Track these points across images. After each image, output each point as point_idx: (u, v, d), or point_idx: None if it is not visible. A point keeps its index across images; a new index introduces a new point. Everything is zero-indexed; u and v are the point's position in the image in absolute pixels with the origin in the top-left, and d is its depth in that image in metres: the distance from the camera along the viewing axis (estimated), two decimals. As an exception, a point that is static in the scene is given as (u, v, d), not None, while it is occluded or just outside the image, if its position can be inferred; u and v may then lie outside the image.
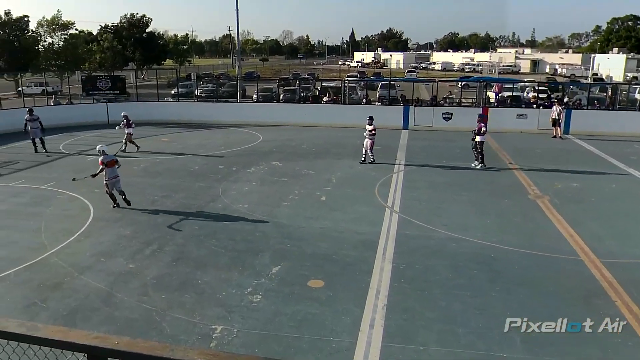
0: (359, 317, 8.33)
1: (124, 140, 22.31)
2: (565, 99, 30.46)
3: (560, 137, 25.31)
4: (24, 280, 9.92)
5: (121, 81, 35.32)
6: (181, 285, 9.63)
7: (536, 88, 35.89)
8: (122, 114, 22.64)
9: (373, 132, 19.09)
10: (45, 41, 51.31)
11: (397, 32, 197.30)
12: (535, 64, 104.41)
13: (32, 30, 49.67)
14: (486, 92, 34.21)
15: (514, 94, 33.23)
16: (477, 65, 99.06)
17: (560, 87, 38.05)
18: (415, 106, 29.53)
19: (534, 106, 29.66)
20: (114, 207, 14.24)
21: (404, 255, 10.80)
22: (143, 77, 63.36)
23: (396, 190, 15.89)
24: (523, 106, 30.48)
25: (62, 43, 52.14)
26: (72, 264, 10.58)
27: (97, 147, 14.80)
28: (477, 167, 18.70)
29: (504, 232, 12.20)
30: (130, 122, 22.15)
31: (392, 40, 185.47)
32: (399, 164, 19.44)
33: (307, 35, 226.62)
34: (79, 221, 13.23)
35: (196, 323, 8.28)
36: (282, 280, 9.77)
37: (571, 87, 38.61)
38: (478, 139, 18.60)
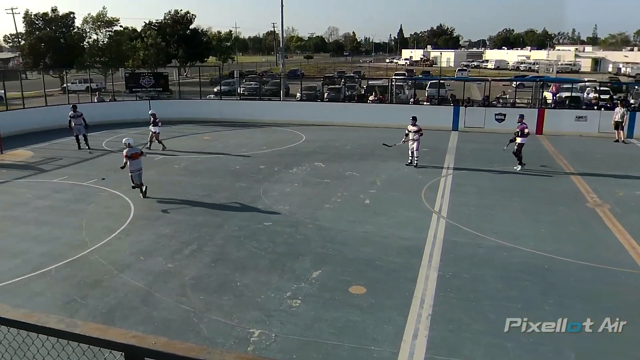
0: (402, 326, 8.24)
1: (149, 139, 23.11)
2: (630, 101, 29.35)
3: (623, 141, 24.37)
4: (64, 276, 10.26)
5: (164, 78, 36.12)
6: (220, 286, 9.75)
7: (597, 88, 34.72)
8: (149, 112, 23.26)
9: (420, 132, 18.81)
10: (90, 38, 52.94)
11: (448, 28, 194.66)
12: (596, 62, 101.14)
13: (77, 27, 51.38)
14: (543, 92, 33.30)
15: (573, 94, 32.17)
16: (533, 63, 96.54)
17: (624, 87, 36.67)
18: (465, 106, 29.03)
19: (595, 108, 28.73)
20: (143, 197, 15.35)
21: (450, 264, 10.63)
22: (186, 75, 64.65)
23: (444, 195, 15.66)
24: (583, 107, 29.57)
25: (106, 40, 53.66)
26: (112, 262, 10.88)
27: (124, 139, 16.05)
28: (517, 169, 18.45)
29: (559, 241, 11.83)
30: (157, 121, 22.71)
31: (442, 38, 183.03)
32: (447, 167, 19.17)
33: (353, 32, 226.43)
34: (120, 219, 13.60)
35: (234, 326, 8.36)
36: (322, 285, 9.77)
37: (636, 87, 37.16)
38: (519, 140, 18.28)
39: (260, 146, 23.78)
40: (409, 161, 19.15)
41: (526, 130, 18.23)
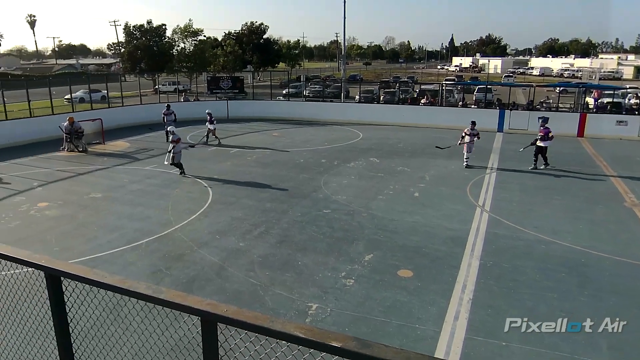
0: (444, 308, 8.12)
1: (205, 134, 23.66)
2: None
3: (663, 145, 22.93)
4: (153, 250, 10.68)
5: (240, 82, 36.84)
6: (283, 264, 9.89)
7: (639, 95, 32.70)
8: (206, 111, 23.78)
9: (478, 136, 18.20)
10: (178, 46, 54.40)
11: (496, 37, 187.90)
12: (639, 70, 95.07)
13: (167, 36, 52.88)
14: (585, 97, 31.70)
15: (615, 100, 30.49)
16: (577, 71, 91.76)
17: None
18: (510, 110, 28.08)
19: (636, 113, 27.11)
20: (182, 174, 17.08)
21: (492, 254, 10.35)
22: (259, 78, 65.52)
23: (488, 191, 15.24)
24: (624, 113, 27.94)
25: (192, 48, 55.02)
26: (193, 239, 11.23)
27: (169, 128, 18.49)
28: (541, 167, 17.75)
29: (597, 238, 11.27)
30: (213, 119, 23.27)
31: (490, 46, 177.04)
32: (492, 166, 18.62)
33: (408, 41, 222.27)
34: (200, 203, 14.00)
35: (294, 300, 8.47)
36: (373, 268, 9.74)
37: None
38: (543, 143, 17.48)
39: (322, 142, 23.86)
40: (465, 163, 18.31)
41: (550, 134, 17.35)
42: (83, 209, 13.63)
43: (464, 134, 18.33)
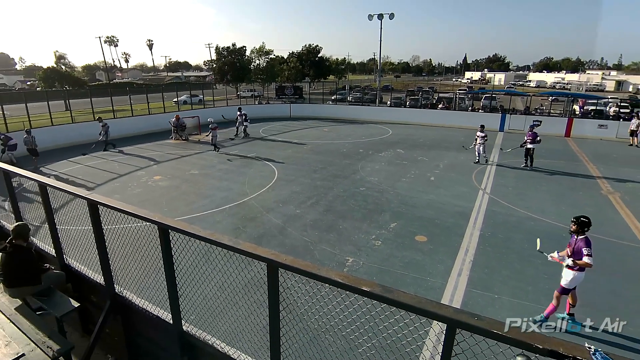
0: (450, 266, 7.96)
1: (243, 130, 23.42)
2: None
3: (636, 145, 21.22)
4: (234, 213, 10.99)
5: (300, 89, 36.96)
6: (328, 227, 9.96)
7: (619, 104, 30.35)
8: (242, 112, 23.45)
9: (486, 137, 16.91)
10: (254, 62, 54.75)
11: (501, 56, 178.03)
12: (619, 84, 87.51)
13: (247, 55, 53.27)
14: (572, 105, 29.77)
15: (598, 108, 28.45)
16: (567, 84, 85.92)
17: (641, 103, 31.68)
18: (510, 114, 26.77)
19: (611, 118, 25.22)
20: (216, 151, 18.84)
21: (490, 226, 10.02)
22: (314, 87, 65.22)
23: (489, 178, 14.68)
24: (605, 118, 26.04)
25: (264, 64, 55.26)
26: (262, 206, 11.46)
27: (208, 119, 20.70)
28: (527, 167, 15.98)
29: (577, 217, 10.68)
30: (247, 118, 23.16)
31: (496, 63, 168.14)
32: (493, 158, 17.88)
33: (430, 59, 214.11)
34: (268, 179, 14.23)
35: (336, 254, 8.53)
36: (396, 233, 9.65)
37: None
38: (531, 145, 15.81)
39: (360, 136, 23.62)
40: (477, 160, 17.00)
41: (538, 138, 15.79)
42: (185, 181, 14.15)
43: (476, 137, 17.11)
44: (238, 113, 23.98)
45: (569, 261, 6.04)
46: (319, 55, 67.36)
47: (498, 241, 9.17)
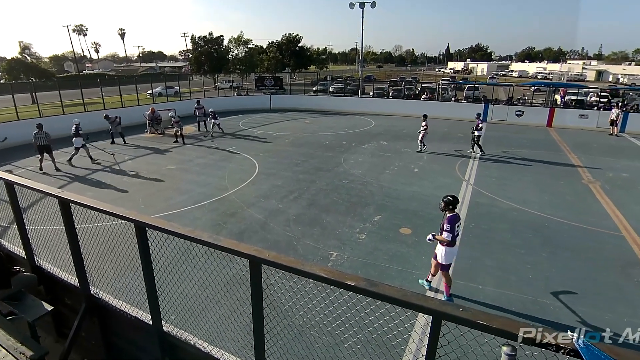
0: (435, 258, 8.09)
1: (198, 124, 22.72)
2: (624, 103, 26.19)
3: (616, 135, 21.91)
4: (213, 208, 10.88)
5: (280, 80, 36.72)
6: (311, 222, 9.97)
7: (599, 93, 31.22)
8: (209, 110, 22.17)
9: (426, 128, 17.40)
10: (233, 52, 53.96)
11: (483, 46, 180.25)
12: (599, 74, 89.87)
13: (224, 45, 52.44)
14: (554, 95, 30.47)
15: (579, 97, 29.20)
16: (549, 73, 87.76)
17: (620, 93, 32.62)
18: (493, 104, 27.23)
19: (595, 108, 25.94)
20: (176, 142, 19.00)
21: (473, 217, 10.22)
22: (294, 78, 64.79)
23: (472, 169, 14.94)
24: (586, 108, 26.77)
25: (243, 54, 54.53)
26: (243, 201, 11.38)
27: (170, 113, 20.58)
28: (478, 154, 16.72)
29: (558, 207, 10.97)
30: (216, 116, 21.78)
31: (479, 53, 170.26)
32: (477, 149, 18.19)
33: (412, 49, 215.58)
34: (249, 173, 14.13)
35: (319, 248, 8.56)
36: (381, 226, 9.74)
37: (630, 93, 32.90)
38: (477, 133, 16.77)
39: (343, 128, 23.66)
40: (419, 149, 17.58)
41: (480, 125, 16.87)
42: (161, 177, 13.90)
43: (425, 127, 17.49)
44: (195, 106, 23.06)
45: (430, 236, 6.63)
46: (300, 45, 66.93)
47: (482, 232, 9.35)
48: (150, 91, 33.89)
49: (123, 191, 12.41)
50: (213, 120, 21.62)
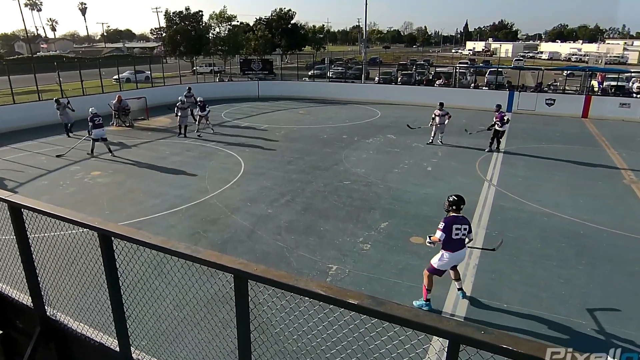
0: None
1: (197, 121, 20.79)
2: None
3: (664, 126, 22.06)
4: (191, 214, 10.87)
5: (270, 64, 36.71)
6: (307, 229, 9.98)
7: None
8: (199, 99, 20.72)
9: (449, 115, 17.54)
10: (214, 31, 53.86)
11: (508, 23, 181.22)
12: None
13: (204, 22, 52.36)
14: (590, 81, 30.62)
15: (619, 83, 29.35)
16: (584, 55, 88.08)
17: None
18: (519, 91, 27.34)
19: (639, 96, 26.08)
20: (180, 135, 19.28)
21: (497, 224, 10.25)
22: (287, 61, 64.84)
23: (495, 166, 15.00)
24: (628, 96, 26.92)
25: (226, 32, 54.41)
26: (226, 205, 11.38)
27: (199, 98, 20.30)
28: (489, 150, 16.71)
29: (595, 212, 11.02)
30: (205, 106, 20.32)
31: (502, 31, 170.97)
32: (500, 143, 18.25)
33: (425, 26, 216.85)
34: (233, 173, 14.13)
35: (317, 261, 8.56)
36: (388, 234, 9.76)
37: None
38: (501, 128, 16.45)
39: (344, 120, 23.69)
40: (430, 141, 17.98)
41: (506, 118, 16.62)
42: (130, 177, 13.90)
43: (434, 115, 17.73)
44: (185, 94, 22.32)
45: (427, 238, 7.07)
46: (293, 22, 67.00)
47: (506, 241, 9.34)
48: (116, 76, 33.80)
49: (84, 194, 12.36)
50: (201, 112, 20.12)
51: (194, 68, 48.72)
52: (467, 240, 6.97)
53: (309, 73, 40.28)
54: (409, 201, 11.74)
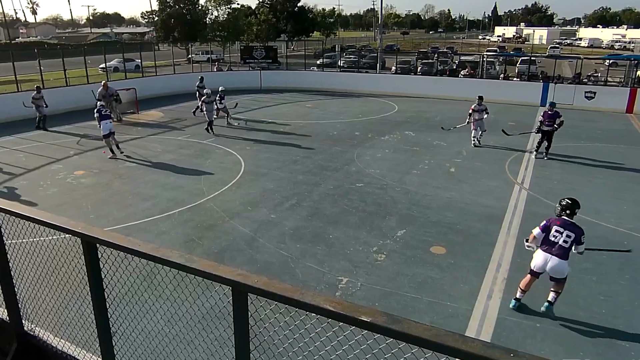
0: (477, 286, 8.06)
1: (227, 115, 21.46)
2: None
3: None
4: (185, 219, 10.91)
5: (274, 51, 36.70)
6: (314, 237, 9.97)
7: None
8: (220, 89, 21.25)
9: (486, 111, 17.06)
10: (211, 14, 54.15)
11: (542, 6, 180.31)
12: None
13: (201, 5, 52.75)
14: (636, 71, 30.33)
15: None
16: (629, 42, 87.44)
17: None
18: (555, 83, 27.16)
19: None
20: (210, 133, 19.02)
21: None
22: (293, 48, 64.98)
23: (527, 167, 14.90)
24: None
25: (225, 16, 54.70)
26: (224, 210, 11.41)
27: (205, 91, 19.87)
28: (544, 157, 15.83)
29: (642, 218, 10.92)
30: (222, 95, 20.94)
31: (536, 15, 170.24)
32: (533, 141, 18.12)
33: (448, 10, 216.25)
34: (232, 173, 14.17)
35: (325, 273, 8.55)
36: (406, 243, 9.73)
37: None
38: (550, 128, 15.43)
39: (356, 114, 23.69)
40: (474, 142, 17.51)
41: (559, 120, 15.33)
42: (118, 177, 13.98)
43: (471, 111, 17.27)
44: (198, 84, 22.87)
45: (525, 241, 7.69)
46: (300, 5, 67.15)
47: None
48: (103, 65, 34.07)
49: (67, 195, 12.46)
50: (219, 105, 20.49)
51: (189, 56, 48.91)
52: (576, 251, 7.12)
53: (318, 62, 40.29)
54: (429, 206, 11.70)
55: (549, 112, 15.59)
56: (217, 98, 20.39)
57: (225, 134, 19.33)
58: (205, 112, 19.25)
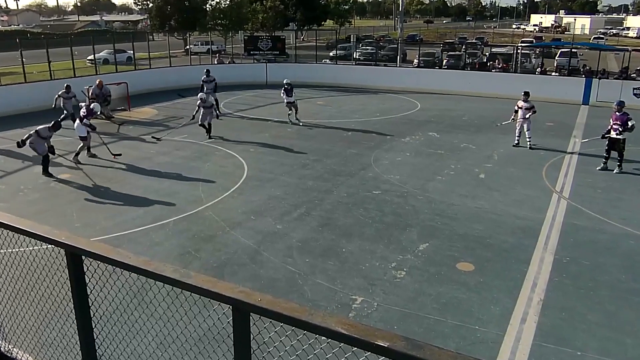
0: (509, 309, 8.00)
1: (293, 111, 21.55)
2: None
3: None
4: (181, 229, 10.95)
5: (281, 42, 36.80)
6: (325, 251, 9.96)
7: None
8: (285, 82, 21.15)
9: (533, 110, 17.04)
10: (212, 1, 54.56)
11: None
12: None
13: (201, -11, 53.12)
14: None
15: None
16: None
17: None
18: (599, 79, 26.95)
19: None
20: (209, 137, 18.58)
21: (569, 248, 10.09)
22: (302, 38, 65.09)
23: (568, 174, 14.79)
24: None
25: (227, 3, 55.02)
26: (225, 219, 11.43)
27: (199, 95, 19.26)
28: (615, 168, 14.94)
29: (700, 233, 10.78)
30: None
31: (577, 2, 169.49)
32: (574, 145, 18.01)
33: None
34: (233, 178, 14.20)
35: (337, 291, 8.53)
36: (428, 258, 9.68)
37: None
38: (617, 135, 14.62)
39: (374, 113, 23.67)
40: (516, 142, 17.55)
41: (630, 123, 14.40)
42: (107, 181, 14.06)
43: (517, 108, 17.32)
44: (204, 78, 22.65)
45: None
46: (310, -10, 67.23)
47: (582, 270, 9.22)
48: (91, 57, 34.37)
49: (50, 202, 12.56)
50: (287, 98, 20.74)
51: (187, 47, 49.22)
52: None
53: (331, 54, 40.42)
54: (455, 217, 11.64)
55: (617, 112, 14.81)
56: (281, 93, 20.84)
57: (225, 134, 19.39)
58: (202, 116, 18.81)
